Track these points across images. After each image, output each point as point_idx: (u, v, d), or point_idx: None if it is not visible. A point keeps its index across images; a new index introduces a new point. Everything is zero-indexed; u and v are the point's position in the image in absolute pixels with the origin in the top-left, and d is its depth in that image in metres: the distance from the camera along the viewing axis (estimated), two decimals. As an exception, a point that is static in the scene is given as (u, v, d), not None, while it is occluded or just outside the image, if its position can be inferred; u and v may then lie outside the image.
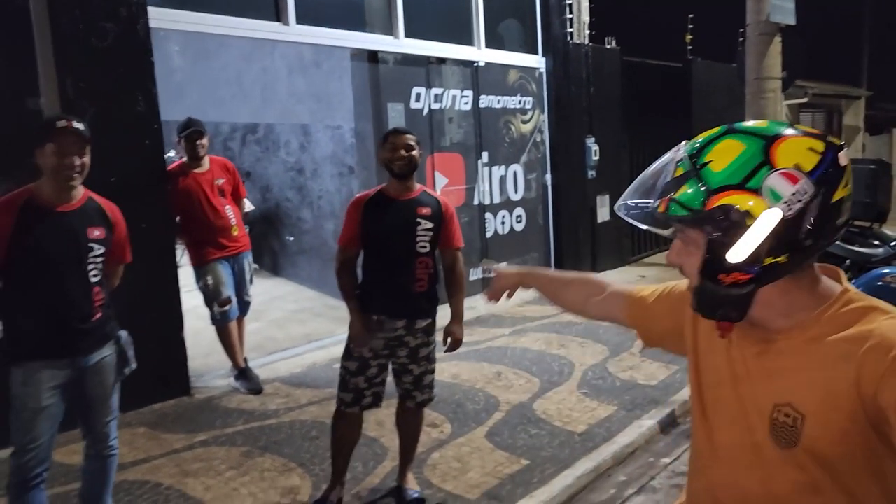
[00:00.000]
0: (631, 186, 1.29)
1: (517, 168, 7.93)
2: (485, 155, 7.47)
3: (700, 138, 1.23)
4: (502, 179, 7.73)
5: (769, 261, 1.15)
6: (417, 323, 3.28)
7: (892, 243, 5.28)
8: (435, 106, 6.91)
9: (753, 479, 1.26)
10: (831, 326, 1.19)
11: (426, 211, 3.28)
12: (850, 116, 18.59)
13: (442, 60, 6.99)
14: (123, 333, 3.03)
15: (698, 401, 1.39)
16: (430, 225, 3.27)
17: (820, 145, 1.15)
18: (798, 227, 1.13)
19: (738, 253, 1.15)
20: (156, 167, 4.69)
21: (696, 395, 1.40)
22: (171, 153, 6.23)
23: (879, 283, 3.96)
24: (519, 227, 8.01)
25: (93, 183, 3.02)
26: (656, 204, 1.20)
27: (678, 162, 1.21)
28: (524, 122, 8.01)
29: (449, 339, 3.44)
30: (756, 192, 1.12)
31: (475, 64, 7.32)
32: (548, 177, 8.37)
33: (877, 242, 6.05)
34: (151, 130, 4.64)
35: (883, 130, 21.58)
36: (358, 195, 3.43)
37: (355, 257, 3.36)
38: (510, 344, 5.98)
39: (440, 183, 7.00)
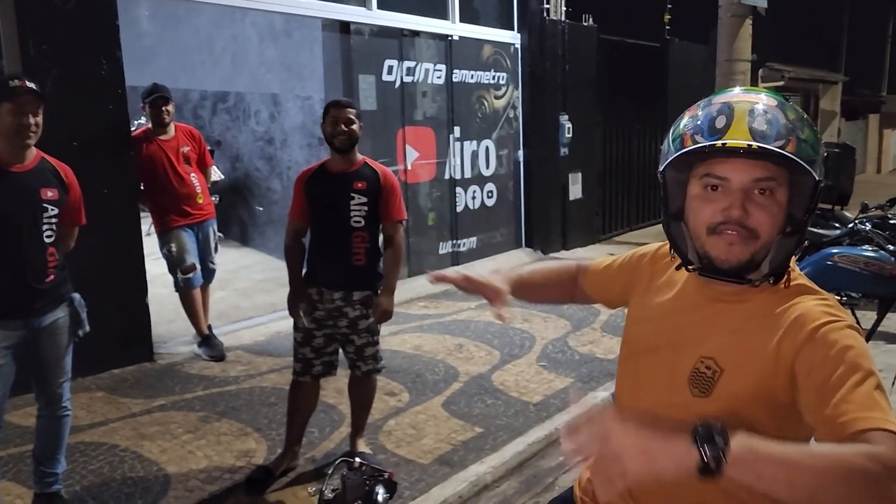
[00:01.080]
0: (695, 125, 1.28)
1: (489, 143, 7.96)
2: (457, 129, 7.48)
3: (762, 90, 1.31)
4: (474, 154, 7.76)
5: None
6: (354, 294, 3.31)
7: (850, 225, 5.39)
8: (407, 79, 6.90)
9: (668, 427, 1.34)
10: (772, 299, 1.29)
11: (361, 185, 3.29)
12: (827, 101, 18.77)
13: (415, 33, 6.97)
14: (77, 296, 3.05)
15: (629, 361, 1.46)
16: (363, 199, 3.29)
17: None
18: None
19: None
20: (119, 133, 4.66)
21: (629, 356, 1.47)
22: (143, 119, 6.17)
23: (829, 263, 4.06)
24: (490, 203, 8.06)
25: (54, 146, 3.01)
26: (781, 144, 1.20)
27: (780, 107, 1.25)
28: (497, 97, 8.03)
29: (378, 310, 3.34)
30: None
31: (449, 38, 7.31)
32: (520, 153, 8.41)
33: (837, 225, 6.17)
34: (115, 95, 4.60)
35: (859, 116, 21.83)
36: (303, 169, 3.48)
37: (304, 230, 3.42)
38: (474, 317, 6.05)
39: (411, 157, 7.02)
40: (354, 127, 3.27)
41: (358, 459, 1.33)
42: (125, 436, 3.80)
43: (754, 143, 1.20)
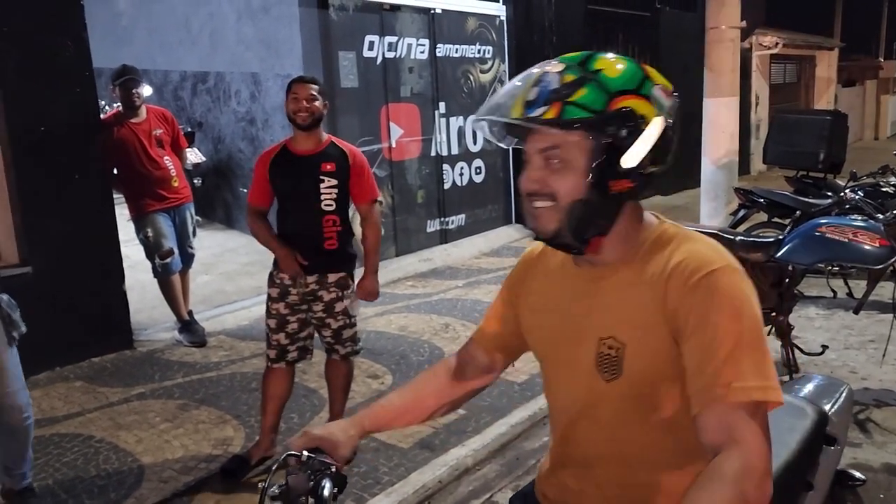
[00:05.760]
0: (489, 104, 1.26)
1: (476, 119, 7.81)
2: (442, 105, 7.35)
3: (573, 55, 1.25)
4: (461, 130, 7.63)
5: (650, 169, 1.21)
6: (329, 277, 3.23)
7: (841, 194, 5.29)
8: (389, 55, 6.76)
9: (589, 419, 1.30)
10: (649, 257, 1.25)
11: (330, 167, 3.18)
12: (823, 68, 18.52)
13: (396, 7, 6.81)
14: (4, 296, 2.81)
15: (542, 368, 1.43)
16: (333, 182, 3.18)
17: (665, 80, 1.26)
18: (670, 139, 1.23)
19: (634, 156, 1.19)
20: (88, 116, 4.55)
21: (541, 364, 1.43)
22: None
23: (816, 233, 3.94)
24: (478, 179, 7.94)
25: (20, 133, 2.89)
26: (541, 112, 1.17)
27: (561, 72, 1.20)
28: (483, 71, 7.88)
29: (363, 293, 3.37)
30: (648, 98, 1.20)
31: (432, 11, 7.15)
32: (508, 128, 8.26)
33: (829, 193, 6.07)
34: (83, 78, 4.48)
35: (856, 82, 21.59)
36: (265, 150, 3.37)
37: (266, 212, 3.33)
38: (462, 296, 5.97)
39: (395, 134, 6.90)
40: (318, 104, 3.15)
41: (305, 453, 1.26)
42: (101, 426, 3.74)
43: (521, 115, 1.19)
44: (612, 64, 1.21)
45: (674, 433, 1.24)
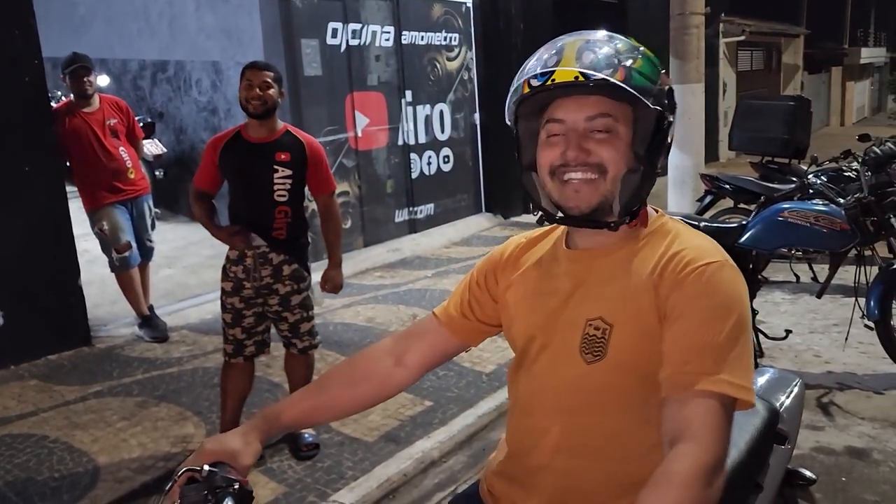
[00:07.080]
0: (531, 69, 1.21)
1: (444, 107, 7.75)
2: (408, 94, 7.26)
3: (594, 33, 1.24)
4: (428, 119, 7.55)
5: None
6: (284, 269, 3.15)
7: (804, 179, 5.32)
8: (353, 42, 6.65)
9: (560, 406, 1.25)
10: (648, 244, 1.24)
11: (285, 156, 3.08)
12: (789, 55, 18.73)
13: (360, -7, 6.71)
14: None
15: (522, 345, 1.34)
16: (288, 172, 3.08)
17: None
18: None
19: (671, 134, 1.23)
20: (38, 107, 4.39)
21: (524, 338, 1.34)
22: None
23: (779, 218, 3.95)
24: (447, 168, 7.88)
25: None
26: (608, 73, 1.14)
27: (611, 38, 1.21)
28: (450, 59, 7.80)
29: (329, 285, 3.34)
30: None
31: (396, -3, 7.05)
32: (476, 116, 8.22)
33: (794, 178, 6.11)
34: (32, 67, 4.33)
35: (822, 69, 21.87)
36: (217, 135, 3.26)
37: (212, 196, 3.25)
38: (431, 286, 5.92)
39: (361, 123, 6.80)
40: (271, 92, 3.05)
41: (206, 467, 1.14)
42: (56, 426, 3.63)
43: (580, 76, 1.15)
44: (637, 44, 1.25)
45: (646, 426, 1.19)
